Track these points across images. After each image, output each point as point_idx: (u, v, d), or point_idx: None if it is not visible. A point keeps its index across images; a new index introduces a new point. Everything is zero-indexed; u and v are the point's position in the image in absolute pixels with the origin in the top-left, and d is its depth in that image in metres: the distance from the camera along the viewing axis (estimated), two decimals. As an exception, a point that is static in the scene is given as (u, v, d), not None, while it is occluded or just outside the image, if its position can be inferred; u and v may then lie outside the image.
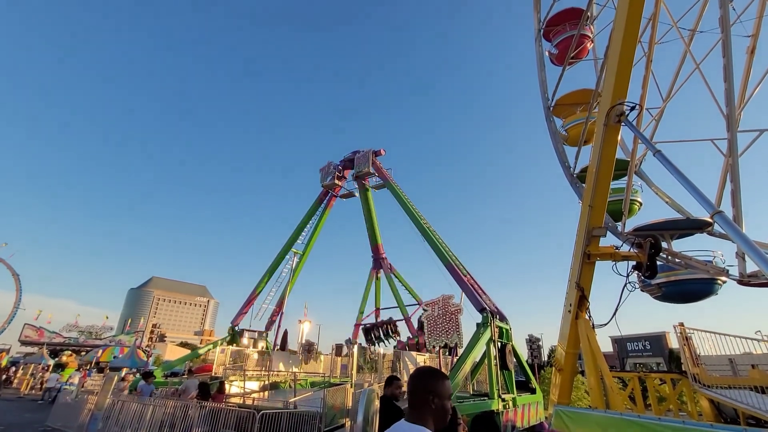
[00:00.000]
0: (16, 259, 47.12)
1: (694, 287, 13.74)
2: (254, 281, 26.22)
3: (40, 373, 31.78)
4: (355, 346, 15.88)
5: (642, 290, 14.63)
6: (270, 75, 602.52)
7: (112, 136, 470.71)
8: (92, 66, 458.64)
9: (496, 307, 17.55)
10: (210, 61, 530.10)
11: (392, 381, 5.85)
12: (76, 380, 22.00)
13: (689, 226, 13.37)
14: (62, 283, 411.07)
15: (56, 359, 39.01)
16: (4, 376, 30.52)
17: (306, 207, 28.18)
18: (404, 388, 6.04)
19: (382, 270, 29.48)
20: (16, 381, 31.92)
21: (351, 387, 13.05)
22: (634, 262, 10.65)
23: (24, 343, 47.39)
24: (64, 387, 18.36)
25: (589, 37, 18.43)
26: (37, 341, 46.22)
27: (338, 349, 24.75)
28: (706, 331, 13.00)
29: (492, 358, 14.82)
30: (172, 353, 65.90)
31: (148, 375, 16.38)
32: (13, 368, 34.61)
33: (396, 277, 28.99)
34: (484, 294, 18.35)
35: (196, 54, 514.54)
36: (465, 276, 18.48)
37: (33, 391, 28.69)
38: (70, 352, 43.72)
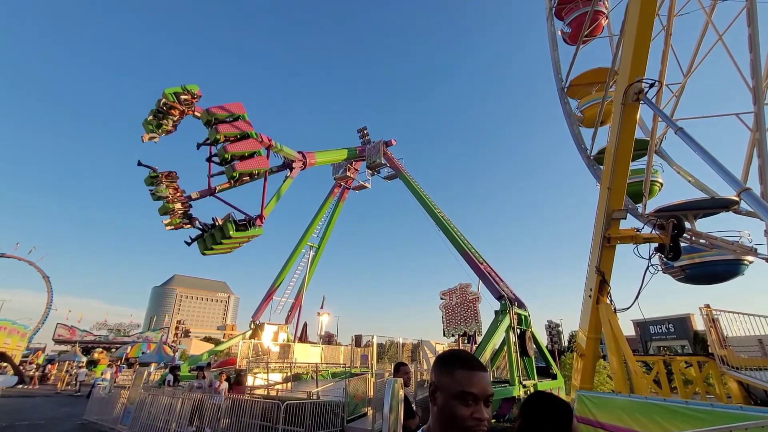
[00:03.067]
0: (45, 261, 49.01)
1: (719, 268, 13.34)
2: (272, 276, 26.69)
3: (75, 370, 33.23)
4: (374, 338, 16.07)
5: (665, 272, 14.30)
6: (277, 66, 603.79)
7: (132, 138, 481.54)
8: (109, 64, 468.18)
9: (514, 294, 17.43)
10: (215, 56, 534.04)
11: (399, 368, 5.68)
12: (108, 376, 22.91)
13: (714, 205, 12.93)
14: (89, 284, 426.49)
15: (88, 356, 40.75)
16: (38, 373, 32.07)
17: (319, 201, 28.41)
18: (410, 375, 5.93)
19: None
20: (52, 377, 33.49)
21: (372, 377, 13.23)
22: (656, 244, 10.38)
23: (58, 341, 49.52)
24: (98, 382, 19.15)
25: (604, 13, 17.80)
26: (69, 340, 48.21)
27: (358, 339, 25.05)
28: (733, 312, 12.66)
29: (512, 344, 14.79)
30: (197, 348, 67.89)
31: (174, 369, 16.98)
32: (49, 365, 36.32)
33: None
34: (502, 281, 18.24)
35: (199, 50, 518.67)
36: (481, 264, 18.38)
37: (68, 387, 30.03)
38: (101, 349, 45.54)
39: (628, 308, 10.79)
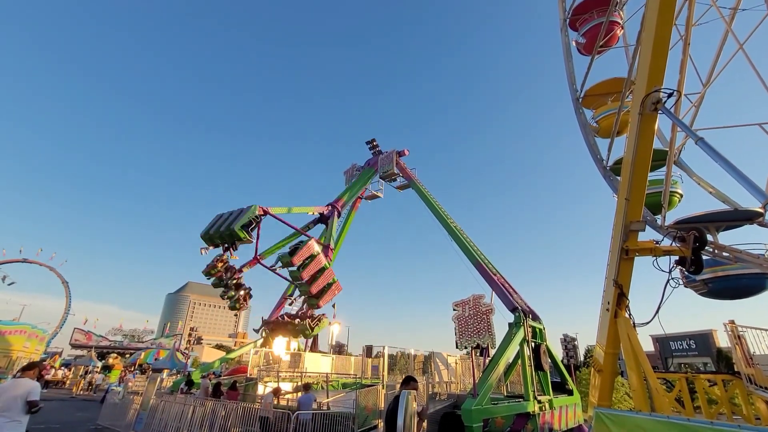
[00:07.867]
0: (63, 267, 50.20)
1: (744, 282, 12.88)
2: (284, 285, 26.66)
3: (90, 375, 33.72)
4: (385, 349, 15.92)
5: (686, 286, 13.87)
6: (291, 78, 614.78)
7: (148, 148, 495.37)
8: (131, 75, 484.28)
9: (529, 306, 17.06)
10: (227, 72, 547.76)
11: (410, 381, 6.15)
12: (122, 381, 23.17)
13: (737, 217, 12.53)
14: (105, 289, 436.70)
15: (103, 361, 41.34)
16: (49, 377, 32.61)
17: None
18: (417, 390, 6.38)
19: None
20: (68, 382, 34.03)
21: (383, 388, 13.07)
22: (676, 257, 10.08)
23: (74, 346, 50.41)
24: (111, 388, 19.36)
25: (619, 24, 17.68)
26: (85, 344, 49.05)
27: (368, 350, 24.81)
28: (760, 329, 12.16)
29: (526, 358, 14.43)
30: (209, 355, 68.23)
31: (190, 377, 17.07)
32: (65, 369, 36.96)
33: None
34: (516, 293, 17.89)
35: (214, 66, 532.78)
36: (495, 275, 18.09)
37: (83, 392, 30.45)
38: (115, 355, 46.17)
39: (647, 323, 10.45)
